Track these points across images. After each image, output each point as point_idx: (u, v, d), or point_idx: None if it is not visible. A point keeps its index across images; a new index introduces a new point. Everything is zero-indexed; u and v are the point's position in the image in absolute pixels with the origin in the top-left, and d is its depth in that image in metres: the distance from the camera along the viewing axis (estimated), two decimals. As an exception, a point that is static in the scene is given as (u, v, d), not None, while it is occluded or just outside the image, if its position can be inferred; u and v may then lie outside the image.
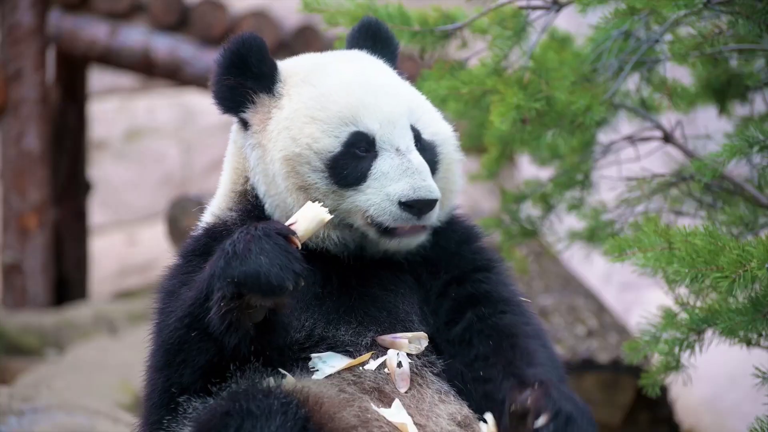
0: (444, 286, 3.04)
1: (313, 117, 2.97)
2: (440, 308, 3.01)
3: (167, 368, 2.82)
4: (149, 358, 2.92)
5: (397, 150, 2.94)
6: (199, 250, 3.01)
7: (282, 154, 2.96)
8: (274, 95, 3.04)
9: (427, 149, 3.01)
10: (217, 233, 3.02)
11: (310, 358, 2.88)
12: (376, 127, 2.95)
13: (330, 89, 3.00)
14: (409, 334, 2.93)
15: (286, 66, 3.10)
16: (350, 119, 2.95)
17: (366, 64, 3.12)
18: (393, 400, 2.83)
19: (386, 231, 2.93)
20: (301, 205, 2.85)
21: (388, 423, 2.77)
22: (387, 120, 2.96)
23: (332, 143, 2.94)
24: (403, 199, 2.88)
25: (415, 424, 2.79)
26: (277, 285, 2.64)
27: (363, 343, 2.91)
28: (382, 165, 2.93)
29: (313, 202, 2.85)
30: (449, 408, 2.87)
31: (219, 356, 2.77)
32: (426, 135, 3.03)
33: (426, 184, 2.89)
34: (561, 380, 2.86)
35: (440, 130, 3.08)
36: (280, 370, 2.84)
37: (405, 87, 3.11)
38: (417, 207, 2.88)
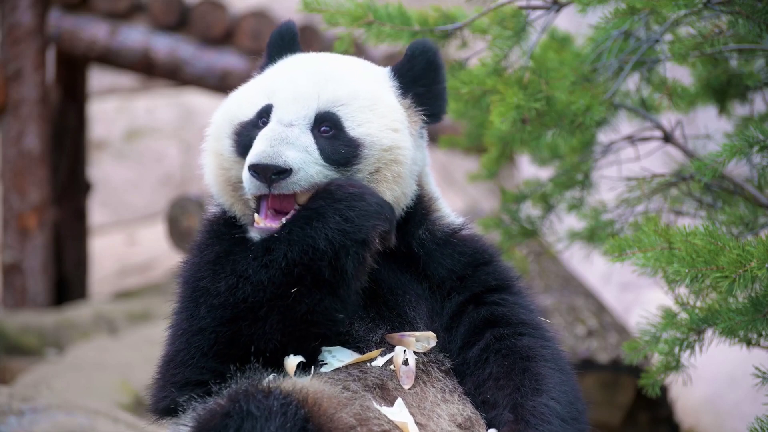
0: (459, 307, 3.02)
1: (250, 87, 3.05)
2: (456, 330, 3.00)
3: (234, 323, 2.81)
4: (188, 319, 2.88)
5: (278, 122, 2.92)
6: (221, 217, 3.07)
7: (213, 119, 3.06)
8: None
9: (344, 142, 2.94)
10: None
11: (320, 351, 2.90)
12: (278, 100, 2.96)
13: (277, 70, 3.07)
14: (417, 333, 2.93)
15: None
16: (269, 93, 2.99)
17: (330, 58, 3.12)
18: (395, 397, 2.83)
19: (256, 210, 2.92)
20: (214, 172, 2.99)
21: (389, 421, 2.77)
22: (291, 96, 2.95)
23: (249, 111, 2.99)
24: (248, 164, 2.86)
25: (416, 423, 2.79)
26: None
27: (373, 339, 2.93)
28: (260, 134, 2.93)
29: (223, 170, 2.97)
30: (451, 408, 2.87)
31: (319, 303, 2.81)
32: (353, 131, 2.95)
33: (271, 150, 2.83)
34: (570, 403, 2.88)
35: (376, 133, 2.96)
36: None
37: (355, 83, 3.01)
38: (258, 172, 2.83)
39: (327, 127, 2.93)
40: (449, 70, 3.92)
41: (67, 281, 10.46)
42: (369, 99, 2.99)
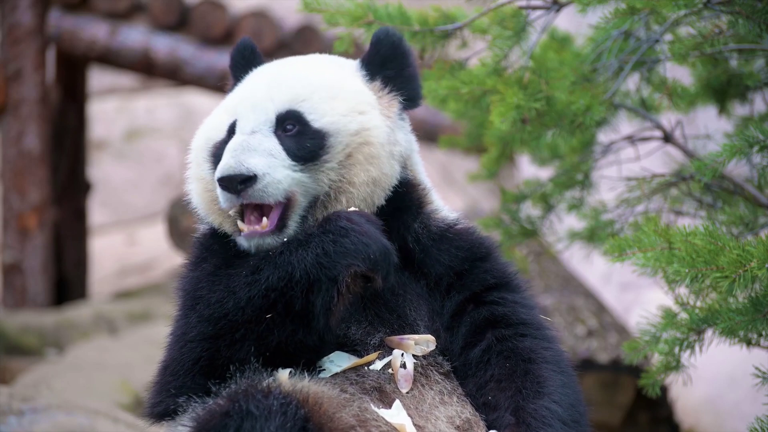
0: (459, 306, 3.00)
1: (225, 109, 3.06)
2: (456, 330, 2.99)
3: (215, 340, 2.80)
4: (182, 327, 2.88)
5: (241, 132, 2.94)
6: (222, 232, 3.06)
7: (192, 146, 3.08)
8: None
9: (309, 136, 2.93)
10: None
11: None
12: (239, 113, 2.98)
13: (240, 87, 3.09)
14: (416, 336, 2.92)
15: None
16: (233, 109, 3.01)
17: (291, 61, 3.13)
18: (393, 400, 2.83)
19: (236, 226, 2.93)
20: (200, 195, 3.01)
21: (387, 423, 2.77)
22: (250, 105, 2.96)
23: (220, 131, 3.02)
24: (216, 179, 2.87)
25: (414, 425, 2.79)
26: (396, 263, 2.82)
27: (371, 343, 2.92)
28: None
29: (209, 192, 2.98)
30: (449, 410, 2.87)
31: (292, 335, 2.79)
32: (317, 123, 2.94)
33: (232, 161, 2.84)
34: (571, 406, 2.88)
35: (340, 120, 2.95)
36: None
37: (315, 78, 3.01)
38: (225, 184, 2.84)
39: (291, 125, 2.95)
40: (449, 70, 3.92)
41: (67, 281, 10.46)
42: (330, 88, 2.99)
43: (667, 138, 4.23)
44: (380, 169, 2.96)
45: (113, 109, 15.44)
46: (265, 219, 2.88)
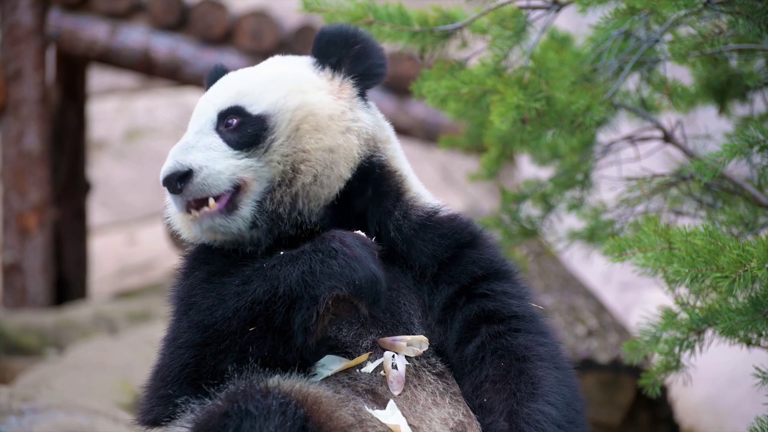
0: (449, 300, 2.99)
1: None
2: (450, 325, 2.97)
3: (202, 348, 2.80)
4: (174, 332, 2.89)
5: (184, 136, 3.03)
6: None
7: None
8: None
9: (251, 123, 2.98)
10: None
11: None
12: (191, 122, 3.08)
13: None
14: (409, 337, 2.91)
15: None
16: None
17: (246, 69, 3.18)
18: (386, 401, 2.82)
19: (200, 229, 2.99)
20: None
21: (383, 424, 2.76)
22: (197, 113, 3.08)
23: None
24: (160, 182, 2.98)
25: (409, 425, 2.78)
26: (385, 292, 2.78)
27: (363, 345, 2.91)
28: None
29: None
30: (442, 412, 2.86)
31: (273, 351, 2.78)
32: (257, 110, 2.99)
33: (170, 162, 2.95)
34: (567, 405, 2.87)
35: (280, 100, 2.99)
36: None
37: (260, 74, 3.07)
38: (166, 185, 2.95)
39: (232, 120, 3.00)
40: (449, 70, 3.92)
41: (67, 281, 10.46)
42: (272, 79, 3.04)
43: (667, 138, 4.23)
44: (333, 139, 2.98)
45: (113, 109, 15.45)
46: (212, 200, 2.92)
